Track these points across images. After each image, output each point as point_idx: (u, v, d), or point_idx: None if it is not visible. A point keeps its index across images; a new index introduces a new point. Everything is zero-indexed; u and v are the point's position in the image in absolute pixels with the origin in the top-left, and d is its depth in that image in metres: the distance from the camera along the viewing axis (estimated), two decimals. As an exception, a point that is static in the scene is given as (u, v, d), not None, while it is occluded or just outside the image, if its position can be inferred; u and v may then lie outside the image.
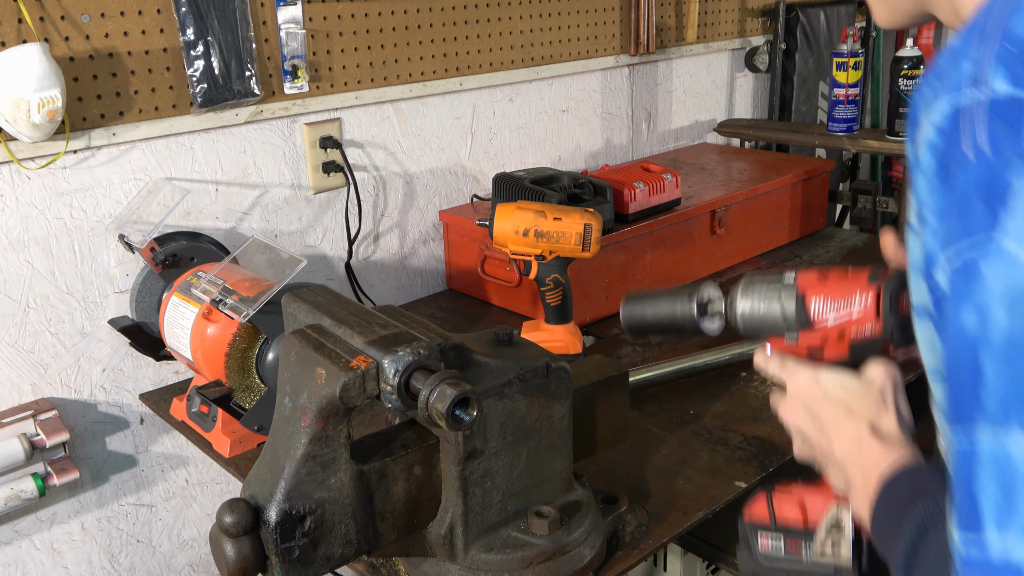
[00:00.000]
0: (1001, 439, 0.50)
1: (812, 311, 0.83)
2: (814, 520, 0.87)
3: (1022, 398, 0.49)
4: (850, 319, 0.82)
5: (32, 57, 1.28)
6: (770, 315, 0.86)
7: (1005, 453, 0.50)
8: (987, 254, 0.51)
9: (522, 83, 2.08)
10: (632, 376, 1.42)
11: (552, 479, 1.06)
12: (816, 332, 0.84)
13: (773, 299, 0.86)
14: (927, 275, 0.57)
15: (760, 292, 0.87)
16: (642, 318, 0.96)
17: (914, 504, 0.66)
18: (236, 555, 0.84)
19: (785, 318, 0.85)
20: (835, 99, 2.26)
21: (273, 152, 1.70)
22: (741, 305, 0.88)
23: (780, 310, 0.85)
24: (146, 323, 1.52)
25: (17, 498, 1.40)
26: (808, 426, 0.82)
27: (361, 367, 0.84)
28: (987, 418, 0.50)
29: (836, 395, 0.79)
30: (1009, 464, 0.49)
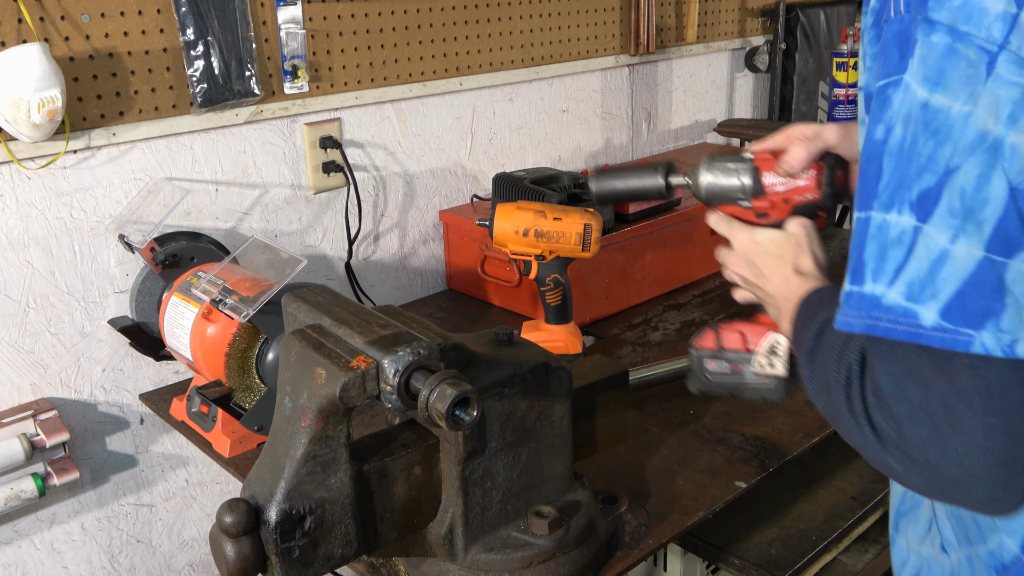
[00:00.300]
0: (885, 217, 0.67)
1: (765, 182, 1.02)
2: (753, 346, 1.06)
3: (900, 189, 0.66)
4: (796, 188, 1.01)
5: (32, 57, 1.28)
6: (729, 186, 1.04)
7: (886, 226, 0.66)
8: (896, 86, 0.67)
9: (522, 83, 2.08)
10: (632, 376, 1.42)
11: (552, 479, 1.06)
12: (766, 199, 1.03)
13: (732, 173, 1.04)
14: (866, 108, 0.73)
15: (721, 167, 1.04)
16: (613, 189, 1.12)
17: (821, 310, 0.82)
18: (236, 555, 0.84)
19: (743, 189, 1.03)
20: (835, 99, 2.26)
21: (273, 152, 1.70)
22: (705, 178, 1.05)
23: (738, 182, 1.04)
24: (146, 323, 1.52)
25: (17, 498, 1.40)
26: (749, 273, 1.01)
27: (361, 367, 0.84)
28: (879, 202, 0.67)
29: (768, 247, 0.99)
30: (887, 234, 0.66)
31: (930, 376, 0.64)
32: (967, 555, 0.80)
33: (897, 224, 0.66)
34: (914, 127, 0.65)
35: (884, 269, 0.66)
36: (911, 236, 0.65)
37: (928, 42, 0.65)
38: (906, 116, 0.66)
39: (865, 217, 0.68)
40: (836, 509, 1.51)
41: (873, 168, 0.68)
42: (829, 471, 1.60)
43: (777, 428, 1.37)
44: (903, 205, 0.65)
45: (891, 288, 0.66)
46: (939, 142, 0.64)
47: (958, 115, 0.63)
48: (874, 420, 0.68)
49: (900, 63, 0.67)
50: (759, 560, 1.39)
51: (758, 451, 1.30)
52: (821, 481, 1.58)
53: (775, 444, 1.32)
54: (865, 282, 0.68)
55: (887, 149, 0.67)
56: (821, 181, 1.00)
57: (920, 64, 0.65)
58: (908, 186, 0.65)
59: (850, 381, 0.71)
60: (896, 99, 0.67)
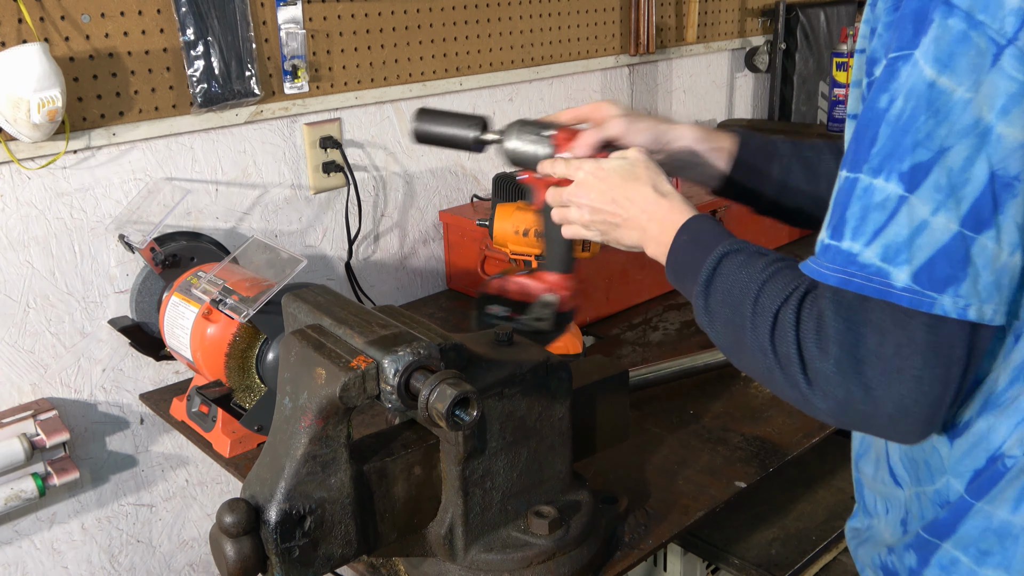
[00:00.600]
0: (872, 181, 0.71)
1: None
2: (531, 299, 1.19)
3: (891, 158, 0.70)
4: None
5: (32, 57, 1.28)
6: (530, 154, 1.16)
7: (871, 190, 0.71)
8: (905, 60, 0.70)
9: (522, 83, 2.08)
10: (632, 376, 1.42)
11: (552, 479, 1.06)
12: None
13: (535, 143, 1.16)
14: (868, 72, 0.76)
15: (526, 138, 1.16)
16: (429, 132, 1.22)
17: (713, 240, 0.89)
18: (236, 555, 0.84)
19: (540, 159, 1.14)
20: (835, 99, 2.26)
21: (273, 152, 1.70)
22: (512, 143, 1.17)
23: (536, 153, 1.15)
24: (146, 323, 1.52)
25: (17, 498, 1.40)
26: (600, 200, 1.02)
27: (361, 367, 0.84)
28: (869, 167, 0.72)
29: (620, 171, 1.02)
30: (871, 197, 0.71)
31: (890, 327, 0.71)
32: (916, 492, 0.88)
33: (883, 190, 0.70)
34: (915, 102, 0.69)
35: (863, 229, 0.71)
36: (895, 203, 0.70)
37: (944, 24, 0.67)
38: (909, 91, 0.69)
39: (853, 178, 0.73)
40: (836, 509, 1.51)
41: (869, 133, 0.72)
42: (829, 471, 1.60)
43: (777, 428, 1.37)
44: (891, 173, 0.70)
45: (868, 248, 0.71)
46: (938, 121, 0.68)
47: (959, 100, 0.67)
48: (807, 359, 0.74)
49: (913, 39, 0.69)
50: (759, 560, 1.39)
51: (758, 451, 1.30)
52: (821, 481, 1.58)
53: (775, 444, 1.32)
54: (844, 238, 0.72)
55: (886, 118, 0.70)
56: None
57: (933, 44, 0.68)
58: (900, 156, 0.69)
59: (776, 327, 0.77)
60: (903, 72, 0.70)
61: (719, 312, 0.86)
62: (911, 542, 0.88)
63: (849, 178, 0.73)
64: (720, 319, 0.86)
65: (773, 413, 1.41)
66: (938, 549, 0.84)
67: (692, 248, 0.92)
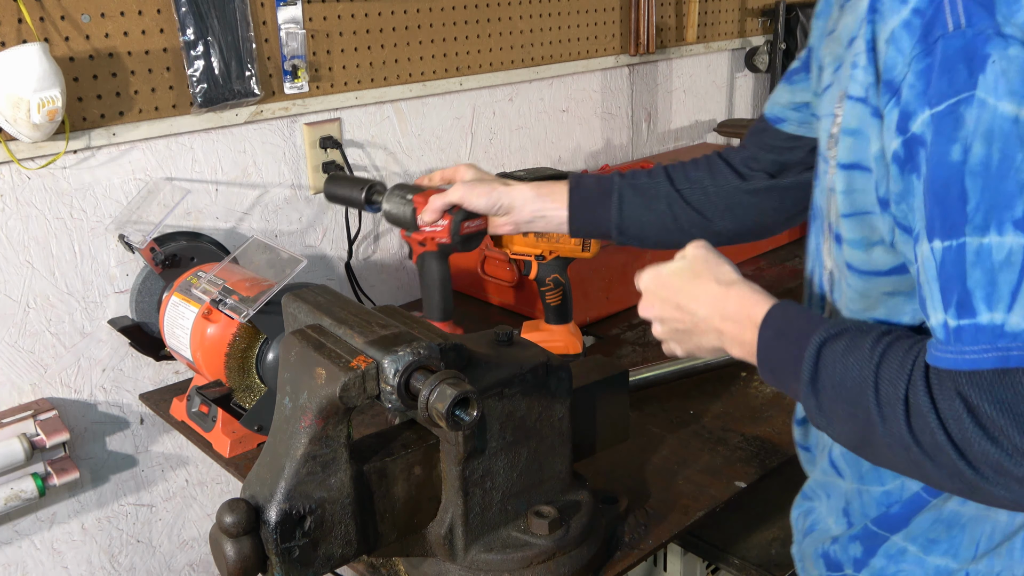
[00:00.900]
0: (982, 240, 0.64)
1: (420, 221, 1.28)
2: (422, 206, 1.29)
3: (996, 208, 0.63)
4: (435, 232, 1.29)
5: (32, 57, 1.28)
6: (400, 216, 1.30)
7: (987, 250, 0.64)
8: (968, 103, 0.65)
9: (522, 83, 2.08)
10: (632, 376, 1.42)
11: (552, 479, 1.06)
12: (422, 234, 1.31)
13: (401, 207, 1.30)
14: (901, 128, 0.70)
15: (395, 201, 1.31)
16: (332, 193, 1.40)
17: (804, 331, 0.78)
18: (236, 555, 0.84)
19: (408, 222, 1.30)
20: (835, 99, 2.26)
21: (273, 152, 1.70)
22: (384, 206, 1.32)
23: (404, 215, 1.29)
24: (146, 323, 1.52)
25: (17, 498, 1.40)
26: (667, 310, 0.93)
27: (361, 367, 0.84)
28: (972, 226, 0.64)
29: (678, 273, 0.93)
30: (991, 257, 0.64)
31: None
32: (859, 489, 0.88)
33: (1002, 246, 0.63)
34: (1002, 143, 0.63)
35: (998, 295, 0.63)
36: (1022, 255, 0.63)
37: (1006, 56, 0.64)
38: (987, 132, 0.64)
39: (957, 244, 0.65)
40: (836, 509, 1.51)
41: (953, 192, 0.65)
42: (829, 471, 1.60)
43: (777, 428, 1.37)
44: (1004, 225, 0.63)
45: (1011, 313, 0.63)
46: None
47: None
48: (970, 452, 0.65)
49: (969, 79, 0.65)
50: (759, 560, 1.39)
51: (758, 451, 1.30)
52: (821, 481, 1.58)
53: (775, 444, 1.32)
54: (979, 312, 0.64)
55: (968, 169, 0.65)
56: (450, 230, 1.27)
57: (1002, 79, 0.64)
58: (1008, 204, 0.63)
59: (912, 416, 0.68)
60: (970, 116, 0.65)
61: (836, 410, 0.75)
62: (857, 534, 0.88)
63: (950, 247, 0.66)
64: (839, 417, 0.75)
65: (773, 413, 1.41)
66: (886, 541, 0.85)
67: (783, 344, 0.81)
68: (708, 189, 1.22)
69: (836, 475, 0.92)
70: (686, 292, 0.91)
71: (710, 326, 0.89)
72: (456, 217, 1.26)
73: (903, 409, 0.68)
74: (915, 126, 0.68)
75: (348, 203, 1.40)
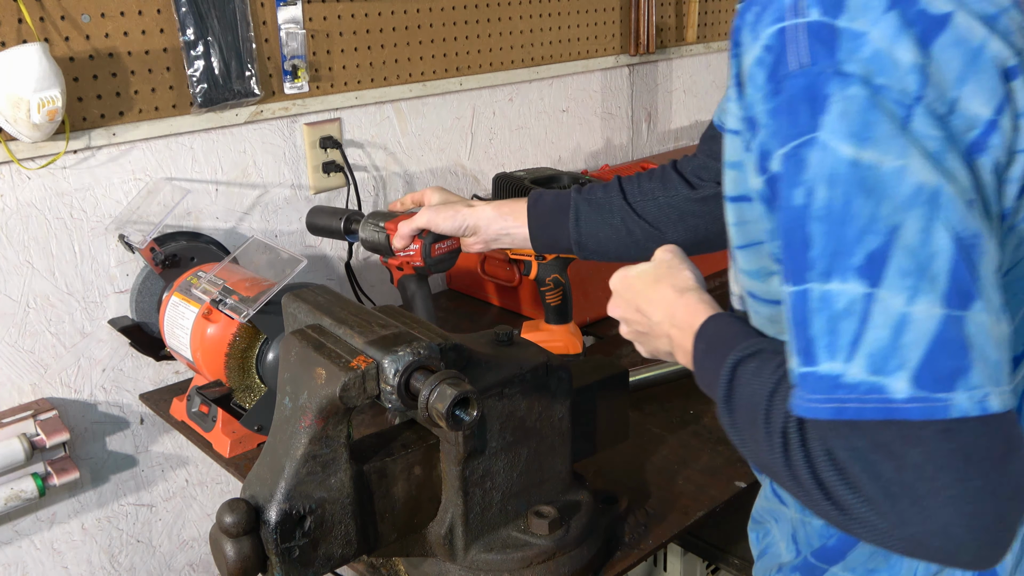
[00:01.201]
0: (826, 287, 0.61)
1: (394, 247, 1.35)
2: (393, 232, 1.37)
3: (839, 255, 0.61)
4: (409, 256, 1.36)
5: (32, 57, 1.28)
6: (375, 243, 1.38)
7: (830, 297, 0.61)
8: (810, 145, 0.62)
9: (522, 83, 2.08)
10: (632, 376, 1.42)
11: (552, 479, 1.06)
12: (397, 259, 1.37)
13: (376, 234, 1.38)
14: (761, 167, 0.68)
15: (369, 229, 1.39)
16: (314, 223, 1.48)
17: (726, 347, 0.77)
18: (236, 555, 0.84)
19: (383, 248, 1.37)
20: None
21: (273, 152, 1.70)
22: (361, 234, 1.40)
23: (380, 242, 1.37)
24: (146, 323, 1.52)
25: (17, 498, 1.40)
26: (629, 312, 0.94)
27: (361, 367, 0.84)
28: (815, 272, 0.62)
29: (643, 275, 0.94)
30: (833, 305, 0.61)
31: (900, 448, 0.59)
32: (801, 519, 0.87)
33: (843, 293, 0.61)
34: (843, 187, 0.61)
35: (838, 344, 0.61)
36: (863, 304, 0.60)
37: (845, 96, 0.61)
38: (830, 176, 0.61)
39: (800, 291, 0.63)
40: (836, 509, 1.50)
41: (798, 236, 0.63)
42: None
43: (777, 428, 1.36)
44: (846, 272, 0.61)
45: (850, 363, 0.60)
46: (877, 200, 0.60)
47: (891, 170, 0.60)
48: (834, 495, 0.63)
49: (812, 120, 0.62)
50: (759, 560, 1.39)
51: (758, 451, 1.30)
52: (821, 481, 1.58)
53: (775, 444, 1.32)
54: (819, 361, 0.62)
55: (811, 214, 0.62)
56: (422, 254, 1.34)
57: (841, 120, 0.61)
58: (849, 251, 0.61)
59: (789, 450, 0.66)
60: (813, 159, 0.62)
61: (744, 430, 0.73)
62: (799, 565, 0.87)
63: (795, 292, 0.63)
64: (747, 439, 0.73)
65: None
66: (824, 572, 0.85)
67: (711, 358, 0.80)
68: (660, 200, 1.22)
69: (779, 503, 0.92)
70: (645, 296, 0.91)
71: (663, 331, 0.90)
72: (426, 240, 1.34)
73: (781, 442, 0.66)
74: (772, 165, 0.66)
75: (329, 234, 1.48)
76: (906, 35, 0.62)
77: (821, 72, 0.62)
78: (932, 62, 0.62)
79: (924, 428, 0.59)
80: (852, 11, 0.62)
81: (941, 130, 0.61)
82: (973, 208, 0.61)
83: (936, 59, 0.62)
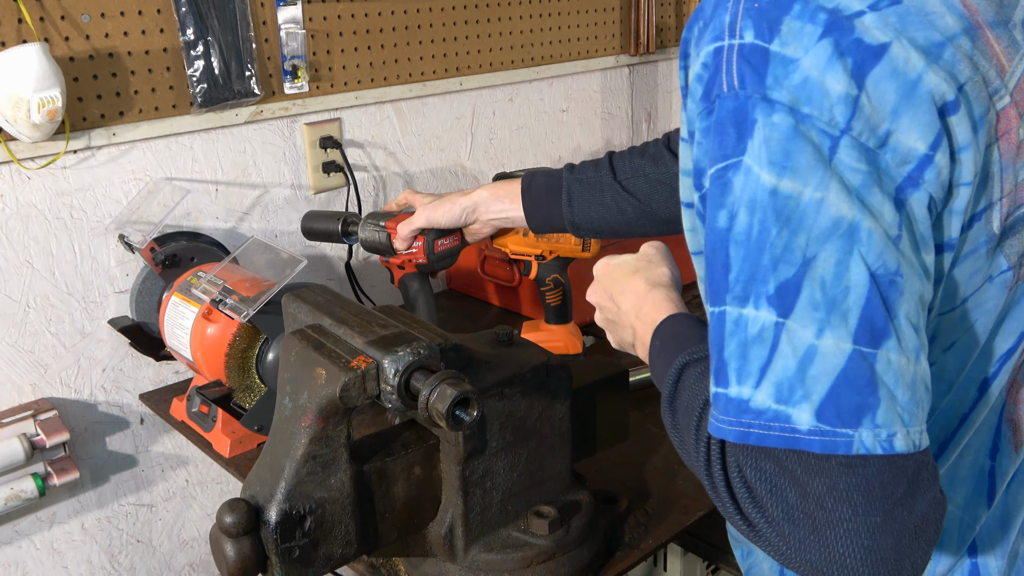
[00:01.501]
0: (741, 312, 0.62)
1: (395, 247, 1.37)
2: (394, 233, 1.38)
3: (753, 281, 0.61)
4: (412, 254, 1.37)
5: (32, 57, 1.28)
6: (376, 243, 1.40)
7: (744, 322, 0.62)
8: (735, 169, 0.62)
9: (522, 83, 2.08)
10: (632, 376, 1.42)
11: (552, 479, 1.06)
12: (399, 258, 1.40)
13: (376, 234, 1.39)
14: (697, 184, 0.70)
15: (369, 230, 1.40)
16: (309, 228, 1.49)
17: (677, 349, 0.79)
18: (236, 555, 0.84)
19: (385, 247, 1.39)
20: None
21: (273, 152, 1.70)
22: (360, 235, 1.42)
23: (381, 242, 1.38)
24: (146, 323, 1.52)
25: (17, 498, 1.40)
26: (603, 299, 0.96)
27: (361, 367, 0.84)
28: (732, 296, 0.62)
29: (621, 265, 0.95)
30: (746, 330, 0.61)
31: (804, 477, 0.60)
32: None
33: (756, 320, 0.61)
34: (762, 215, 0.60)
35: (748, 370, 0.61)
36: (772, 332, 0.60)
37: (770, 123, 0.60)
38: (750, 202, 0.61)
39: (719, 312, 0.64)
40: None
41: (719, 258, 0.64)
42: (829, 471, 1.60)
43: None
44: (760, 299, 0.61)
45: (758, 390, 0.61)
46: (793, 230, 0.60)
47: (810, 201, 0.59)
48: (744, 512, 0.64)
49: (738, 144, 0.62)
50: (759, 560, 1.39)
51: (758, 451, 1.30)
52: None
53: (775, 444, 1.32)
54: (730, 384, 0.63)
55: (732, 238, 0.62)
56: (425, 251, 1.36)
57: (763, 147, 0.60)
58: (763, 279, 0.61)
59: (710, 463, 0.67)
60: (737, 183, 0.62)
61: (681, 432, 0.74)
62: None
63: (715, 313, 0.64)
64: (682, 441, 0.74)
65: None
66: None
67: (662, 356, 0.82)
68: (650, 177, 1.22)
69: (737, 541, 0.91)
70: (619, 285, 0.93)
71: (628, 321, 0.92)
72: (429, 237, 1.35)
73: (705, 453, 0.67)
74: (705, 183, 0.66)
75: (326, 237, 1.48)
76: (839, 64, 0.60)
77: (749, 97, 0.61)
78: (864, 93, 0.60)
79: (826, 460, 0.59)
80: (785, 36, 0.61)
81: (867, 164, 0.60)
82: (897, 245, 0.60)
83: (869, 91, 0.60)
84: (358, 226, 1.43)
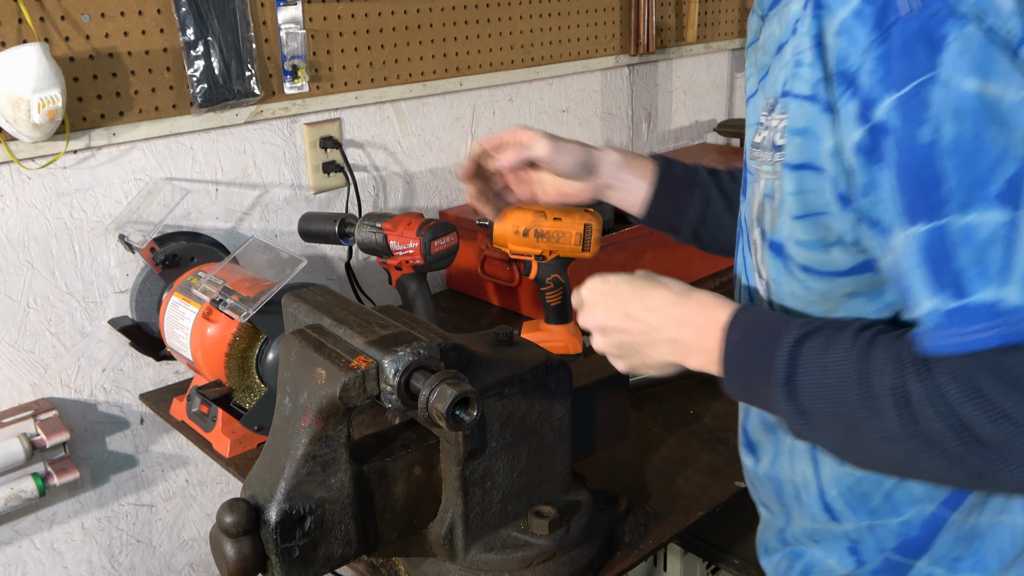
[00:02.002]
0: (965, 219, 0.63)
1: (391, 247, 1.41)
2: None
3: (975, 186, 0.63)
4: (409, 254, 1.41)
5: (32, 57, 1.28)
6: (373, 244, 1.43)
7: (972, 228, 0.63)
8: (931, 84, 0.64)
9: (522, 83, 2.08)
10: (632, 376, 1.42)
11: (552, 479, 1.06)
12: (396, 258, 1.42)
13: (373, 235, 1.43)
14: (864, 117, 0.68)
15: (366, 231, 1.44)
16: (306, 229, 1.53)
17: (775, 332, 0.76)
18: (236, 555, 0.84)
19: (381, 248, 1.42)
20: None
21: (273, 152, 1.70)
22: (357, 236, 1.44)
23: (376, 242, 1.42)
24: (146, 323, 1.52)
25: (17, 498, 1.40)
26: (613, 319, 0.88)
27: (361, 367, 0.84)
28: (951, 207, 0.64)
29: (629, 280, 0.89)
30: (976, 235, 0.63)
31: None
32: (870, 525, 0.84)
33: (985, 223, 0.63)
34: (972, 120, 0.63)
35: (988, 273, 0.63)
36: (1008, 229, 0.62)
37: (964, 34, 0.64)
38: (956, 111, 0.64)
39: (938, 227, 0.64)
40: (836, 509, 1.50)
41: (926, 175, 0.65)
42: (829, 471, 1.60)
43: (777, 428, 1.36)
44: (987, 201, 0.63)
45: (1005, 288, 0.62)
46: (1009, 128, 0.63)
47: (1014, 102, 0.63)
48: (978, 433, 0.64)
49: (929, 60, 0.64)
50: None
51: (758, 451, 1.30)
52: (821, 481, 1.58)
53: (775, 444, 1.32)
54: (972, 292, 0.63)
55: (941, 150, 0.64)
56: (422, 251, 1.42)
57: (963, 57, 0.64)
58: (986, 180, 0.63)
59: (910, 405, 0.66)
60: (936, 96, 0.64)
61: (816, 410, 0.72)
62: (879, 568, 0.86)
63: (931, 229, 0.65)
64: (821, 418, 0.73)
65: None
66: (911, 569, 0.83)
67: (751, 347, 0.78)
68: None
69: (831, 520, 0.88)
70: (638, 299, 0.86)
71: (663, 336, 0.84)
72: (426, 237, 1.38)
73: (893, 401, 0.67)
74: (878, 114, 0.67)
75: (323, 239, 1.50)
76: None
77: (935, 14, 0.64)
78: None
79: None
80: None
81: None
82: None
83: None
84: (355, 227, 1.45)
